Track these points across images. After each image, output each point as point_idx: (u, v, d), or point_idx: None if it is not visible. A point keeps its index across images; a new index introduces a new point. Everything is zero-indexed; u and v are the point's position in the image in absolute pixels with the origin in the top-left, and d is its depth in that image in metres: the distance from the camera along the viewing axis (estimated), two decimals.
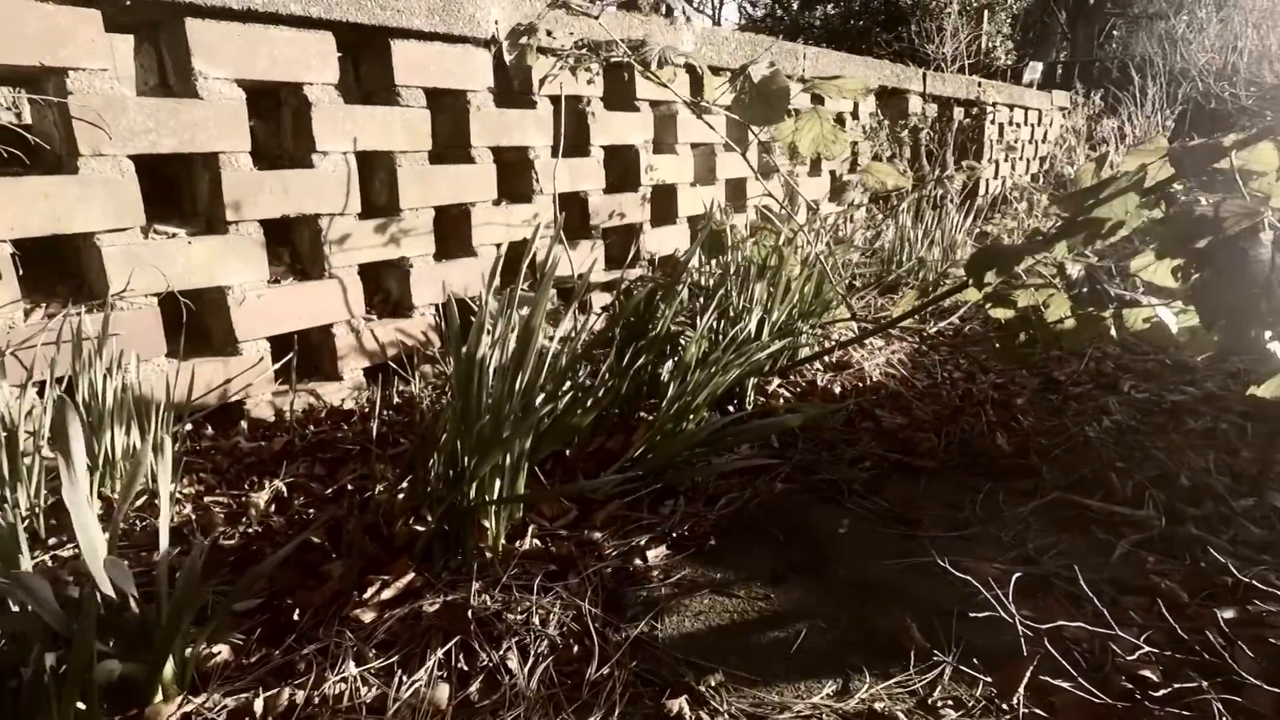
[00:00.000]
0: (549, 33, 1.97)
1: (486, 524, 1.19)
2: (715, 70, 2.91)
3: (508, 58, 1.53)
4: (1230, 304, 0.88)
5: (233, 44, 1.58)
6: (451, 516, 1.18)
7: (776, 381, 1.75)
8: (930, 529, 1.23)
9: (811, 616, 1.04)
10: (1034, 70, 5.69)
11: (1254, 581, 0.96)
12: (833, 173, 3.64)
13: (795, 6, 12.90)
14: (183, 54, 1.55)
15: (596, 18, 1.56)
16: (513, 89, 2.18)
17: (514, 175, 2.34)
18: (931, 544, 1.19)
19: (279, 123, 1.86)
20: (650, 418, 1.56)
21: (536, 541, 1.24)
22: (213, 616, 0.98)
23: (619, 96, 2.61)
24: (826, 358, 1.88)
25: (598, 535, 1.26)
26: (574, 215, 2.54)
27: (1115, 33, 11.80)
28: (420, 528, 1.21)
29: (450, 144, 2.17)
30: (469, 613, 1.05)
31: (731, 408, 1.68)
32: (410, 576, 1.15)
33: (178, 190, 1.76)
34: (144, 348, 1.54)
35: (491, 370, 1.21)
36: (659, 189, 2.80)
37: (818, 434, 1.57)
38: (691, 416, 1.51)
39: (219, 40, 1.55)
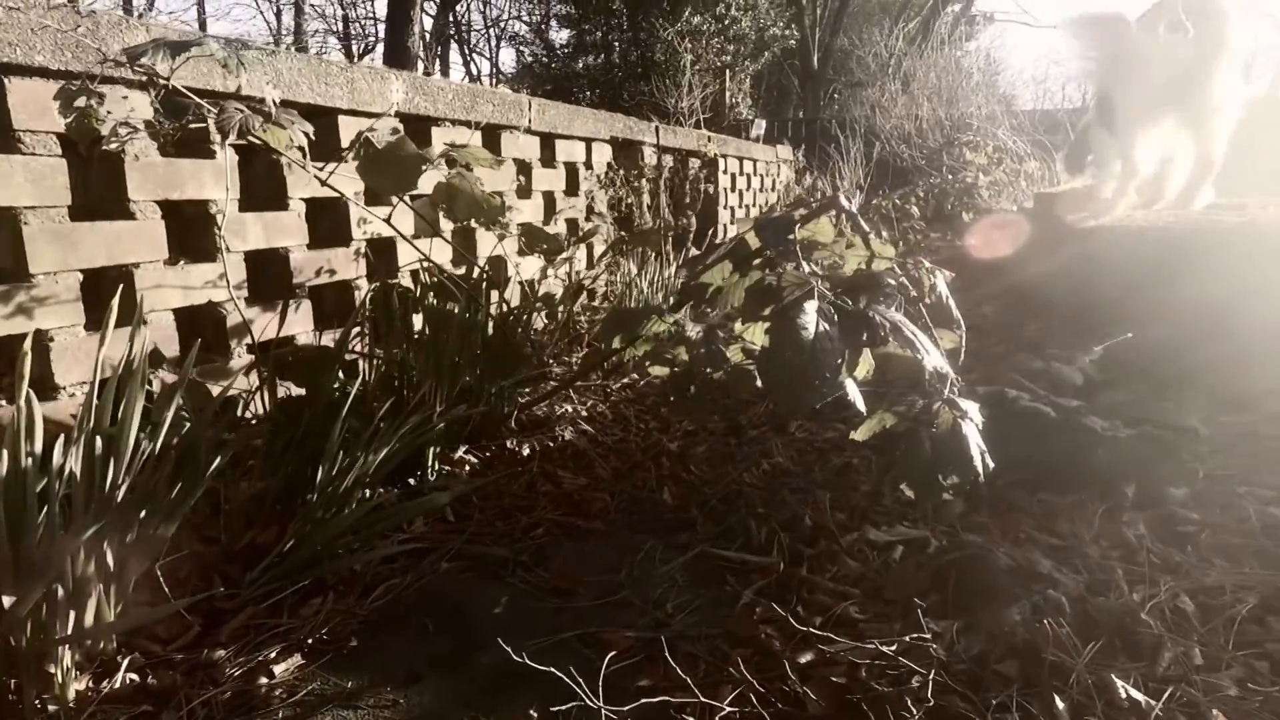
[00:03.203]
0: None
1: (54, 669, 0.99)
2: (434, 121, 2.85)
3: (63, 121, 1.34)
4: (786, 369, 0.96)
5: None
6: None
7: (464, 448, 1.69)
8: (584, 598, 1.22)
9: None
10: (759, 126, 6.37)
11: (813, 630, 1.05)
12: (572, 221, 3.73)
13: (561, 57, 13.35)
14: None
15: (166, 80, 1.42)
16: (188, 136, 1.95)
17: (192, 232, 2.09)
18: (581, 615, 1.18)
19: None
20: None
21: (133, 676, 1.05)
22: None
23: (323, 146, 2.46)
24: (524, 416, 1.86)
25: (221, 653, 1.11)
26: (274, 273, 2.32)
27: (836, 96, 13.60)
28: None
29: (107, 197, 1.89)
30: None
31: (413, 480, 1.60)
32: None
33: None
34: None
35: (72, 469, 1.03)
36: (376, 243, 2.66)
37: (499, 501, 1.53)
38: (358, 496, 1.40)
39: None
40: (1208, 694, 0.89)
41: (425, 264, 2.55)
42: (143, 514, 1.11)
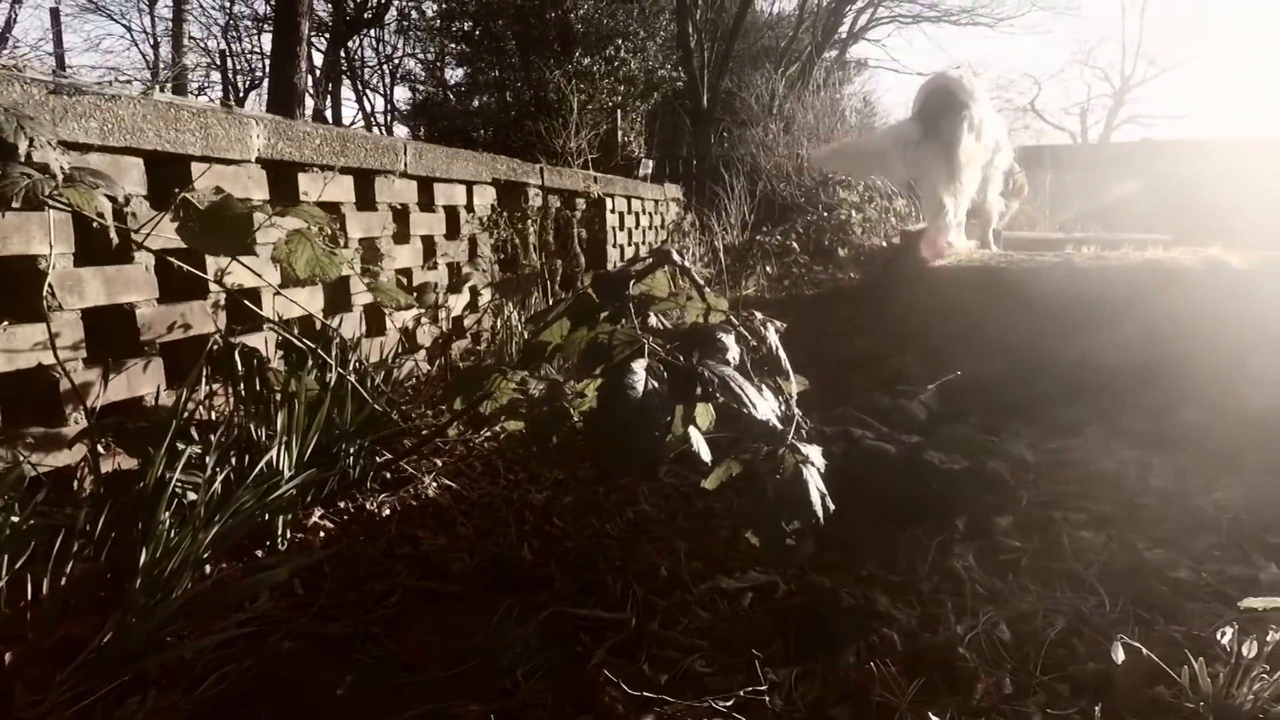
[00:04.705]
0: None
1: None
2: (301, 167, 2.76)
3: None
4: (614, 429, 0.97)
5: None
6: None
7: (319, 513, 1.62)
8: (434, 670, 1.18)
9: None
10: (646, 166, 6.55)
11: (647, 694, 1.05)
12: (454, 265, 3.68)
13: (457, 96, 13.30)
14: None
15: None
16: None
17: (17, 290, 1.92)
18: (431, 689, 1.14)
19: None
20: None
21: None
22: None
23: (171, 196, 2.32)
24: (386, 474, 1.80)
25: None
26: (118, 331, 2.16)
27: (726, 135, 14.15)
28: None
29: None
30: None
31: (261, 552, 1.51)
32: None
33: None
34: None
35: None
36: (237, 294, 2.52)
37: (353, 568, 1.46)
38: (193, 575, 1.31)
39: None
40: None
41: (283, 318, 2.44)
42: None
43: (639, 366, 1.01)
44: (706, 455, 1.24)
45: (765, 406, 1.10)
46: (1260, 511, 1.46)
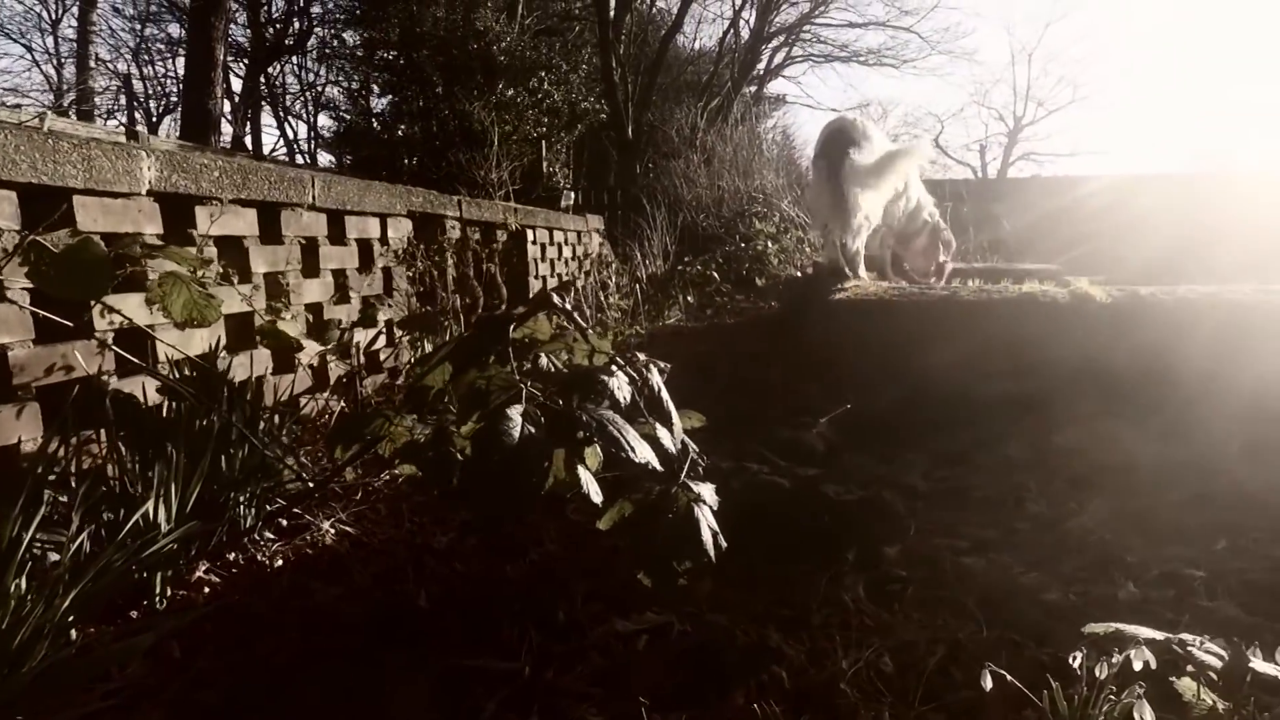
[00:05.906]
0: None
1: None
2: (198, 200, 2.66)
3: None
4: (491, 475, 0.96)
5: None
6: None
7: (204, 567, 1.54)
8: None
9: None
10: (569, 197, 6.61)
11: None
12: (368, 299, 3.60)
13: (381, 124, 13.08)
14: None
15: None
16: None
17: None
18: None
19: None
20: None
21: None
22: None
23: (55, 227, 2.20)
24: (282, 522, 1.73)
25: None
26: None
27: (651, 166, 14.39)
28: None
29: None
30: None
31: (137, 613, 1.42)
32: None
33: None
34: None
35: None
36: (126, 333, 2.40)
37: (240, 625, 1.39)
38: (55, 643, 1.22)
39: None
40: None
41: (173, 359, 2.33)
42: None
43: (514, 412, 1.00)
44: (597, 497, 1.23)
45: (645, 449, 1.11)
46: (1122, 532, 1.56)
